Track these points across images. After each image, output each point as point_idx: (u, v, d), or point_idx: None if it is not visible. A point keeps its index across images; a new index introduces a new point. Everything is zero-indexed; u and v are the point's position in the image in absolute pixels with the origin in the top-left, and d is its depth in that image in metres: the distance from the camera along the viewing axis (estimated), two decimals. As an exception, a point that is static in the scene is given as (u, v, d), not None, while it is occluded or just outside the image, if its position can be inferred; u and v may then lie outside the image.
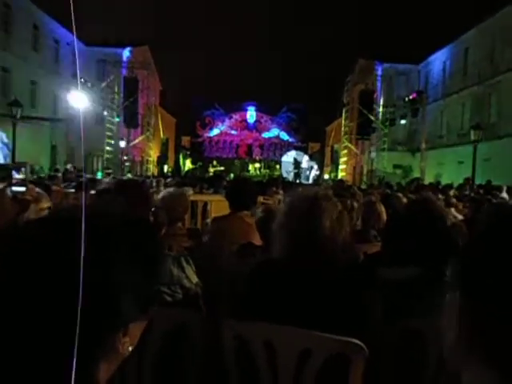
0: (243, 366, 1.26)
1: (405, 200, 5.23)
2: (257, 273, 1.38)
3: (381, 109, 21.55)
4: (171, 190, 2.54)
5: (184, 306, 1.30)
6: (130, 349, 0.53)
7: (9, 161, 13.78)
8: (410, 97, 18.19)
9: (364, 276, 1.23)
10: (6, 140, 13.91)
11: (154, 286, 0.57)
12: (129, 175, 17.82)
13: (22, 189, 1.37)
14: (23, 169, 11.85)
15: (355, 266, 1.26)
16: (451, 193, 10.11)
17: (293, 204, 1.27)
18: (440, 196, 6.89)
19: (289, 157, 28.87)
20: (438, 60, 24.31)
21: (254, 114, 30.91)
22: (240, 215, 2.73)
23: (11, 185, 1.43)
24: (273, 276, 1.30)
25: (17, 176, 12.31)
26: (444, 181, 17.19)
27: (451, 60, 23.06)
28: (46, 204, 1.57)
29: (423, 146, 18.27)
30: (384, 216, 3.30)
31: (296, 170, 26.54)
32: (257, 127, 31.01)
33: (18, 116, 12.88)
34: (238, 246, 2.28)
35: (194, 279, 1.41)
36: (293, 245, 1.24)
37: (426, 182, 16.17)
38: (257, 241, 2.41)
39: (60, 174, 9.32)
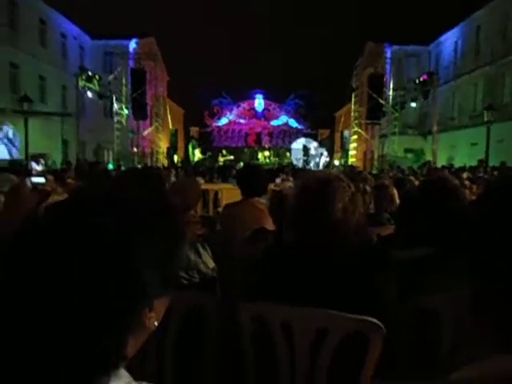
0: (260, 347, 1.28)
1: (417, 183, 5.19)
2: (267, 257, 1.40)
3: (391, 92, 21.19)
4: (183, 177, 2.56)
5: (201, 289, 1.32)
6: (156, 324, 0.55)
7: (16, 156, 13.98)
8: (421, 78, 17.82)
9: (377, 258, 1.23)
10: (11, 135, 14.10)
11: (176, 263, 0.59)
12: (139, 167, 17.94)
13: (42, 180, 1.39)
14: (42, 160, 12.04)
15: (368, 248, 1.26)
16: (464, 175, 9.97)
17: (304, 186, 1.27)
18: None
19: (298, 144, 28.75)
20: (449, 40, 23.71)
21: (262, 101, 30.70)
22: (251, 201, 2.75)
23: (31, 176, 1.45)
24: (283, 259, 1.30)
25: (36, 167, 12.53)
26: (457, 164, 16.93)
27: (463, 39, 22.47)
28: (64, 195, 1.60)
29: (435, 128, 17.97)
30: (397, 199, 3.28)
31: (305, 157, 26.44)
32: (265, 115, 30.82)
33: (26, 109, 13.02)
34: (250, 231, 2.30)
35: (211, 264, 1.43)
36: (304, 227, 1.24)
37: (439, 165, 15.96)
38: (269, 226, 2.42)
39: (72, 167, 9.43)
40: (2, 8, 18.00)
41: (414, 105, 19.19)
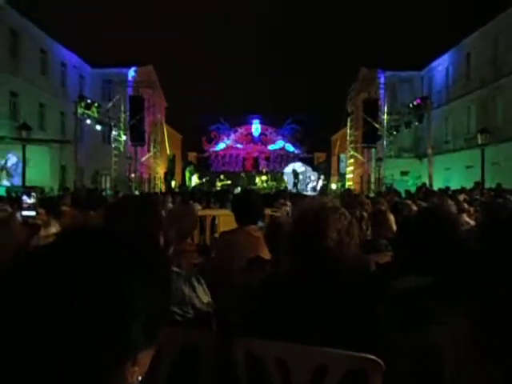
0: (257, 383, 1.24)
1: (414, 207, 5.18)
2: (264, 287, 1.37)
3: (385, 116, 21.53)
4: (179, 205, 2.54)
5: (195, 326, 1.28)
6: (140, 378, 0.52)
7: (18, 184, 13.97)
8: (415, 103, 18.16)
9: (377, 287, 1.21)
10: (14, 163, 14.15)
11: (162, 312, 0.56)
12: (136, 192, 17.92)
13: (33, 213, 1.37)
14: (33, 193, 11.89)
15: (367, 278, 1.23)
16: (461, 197, 9.99)
17: (299, 216, 1.26)
18: (450, 202, 6.82)
19: (289, 168, 29.06)
20: (441, 65, 24.35)
21: (259, 126, 31.10)
22: (247, 229, 2.72)
23: (22, 209, 1.43)
24: (280, 289, 1.28)
25: (27, 200, 12.38)
26: (453, 186, 17.02)
27: (454, 65, 23.09)
28: (54, 229, 1.58)
29: (429, 151, 18.16)
30: (394, 225, 3.27)
31: (296, 181, 26.51)
32: (262, 140, 31.16)
33: (25, 137, 13.11)
34: (246, 260, 2.26)
35: (205, 299, 1.39)
36: (300, 256, 1.23)
37: (435, 187, 16.03)
38: (265, 255, 2.39)
39: (69, 194, 9.40)
40: (4, 37, 18.42)
41: (408, 129, 19.46)
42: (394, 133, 20.78)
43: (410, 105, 18.62)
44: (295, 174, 27.38)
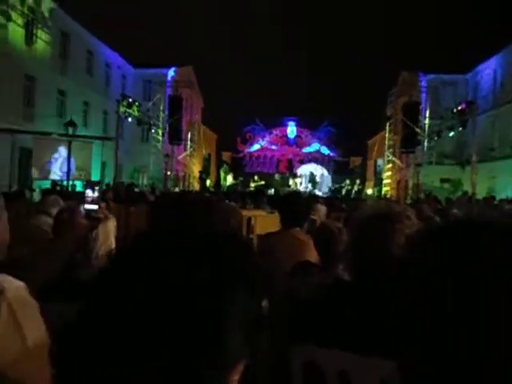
0: (313, 396, 1.18)
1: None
2: (320, 295, 1.31)
3: (427, 121, 20.81)
4: (225, 203, 2.53)
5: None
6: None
7: (71, 177, 14.56)
8: (459, 107, 17.42)
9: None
10: (65, 156, 14.85)
11: (261, 318, 0.52)
12: (177, 189, 18.31)
13: (95, 207, 1.40)
14: (97, 187, 12.52)
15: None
16: (507, 207, 9.47)
17: (364, 224, 1.19)
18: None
19: (303, 168, 28.56)
20: (488, 69, 23.26)
21: (295, 128, 30.94)
22: (292, 232, 2.66)
23: (85, 202, 1.46)
24: (344, 299, 1.22)
25: (91, 194, 13.03)
26: (498, 195, 16.18)
27: (502, 68, 21.98)
28: (113, 222, 1.60)
29: (474, 158, 17.35)
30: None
31: (312, 184, 25.89)
32: (297, 142, 30.97)
33: (71, 133, 13.72)
34: (293, 264, 2.21)
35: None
36: (367, 267, 1.16)
37: (478, 196, 15.30)
38: (311, 258, 2.33)
39: (111, 190, 9.72)
40: (55, 39, 19.38)
41: (451, 134, 18.69)
42: (435, 138, 20.02)
43: (454, 110, 17.90)
44: (312, 176, 26.97)
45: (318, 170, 28.46)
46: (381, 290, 1.14)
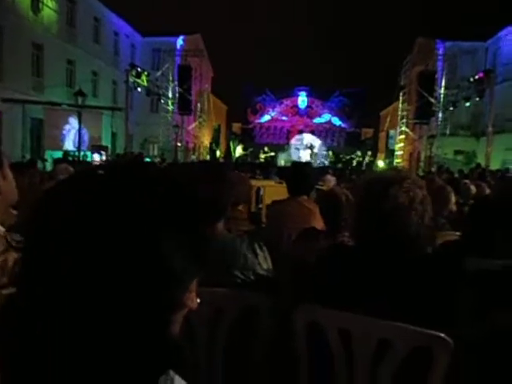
0: (315, 352, 1.22)
1: (473, 187, 4.87)
2: (324, 259, 1.33)
3: (442, 90, 20.17)
4: (234, 172, 2.54)
5: (255, 290, 1.28)
6: (198, 301, 0.52)
7: (84, 147, 14.62)
8: (476, 76, 16.80)
9: (452, 266, 1.13)
10: (76, 127, 14.88)
11: (204, 240, 0.52)
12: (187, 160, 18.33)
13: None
14: (103, 152, 12.69)
15: (441, 255, 1.16)
16: (522, 180, 9.28)
17: (373, 189, 1.18)
18: None
19: (297, 139, 28.16)
20: (510, 35, 22.22)
21: (306, 99, 30.33)
22: (299, 200, 2.67)
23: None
24: (345, 262, 1.23)
25: (97, 158, 13.27)
26: (513, 168, 15.84)
27: (525, 35, 20.99)
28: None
29: (490, 129, 16.88)
30: (452, 203, 3.08)
31: (311, 154, 25.50)
32: (308, 113, 30.44)
33: (80, 103, 13.69)
34: (299, 230, 2.23)
35: (265, 265, 1.39)
36: (370, 229, 1.17)
37: (492, 169, 15.01)
38: (317, 226, 2.34)
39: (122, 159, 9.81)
40: (62, 6, 19.01)
41: (467, 104, 18.12)
42: (451, 108, 19.45)
43: (471, 79, 17.27)
44: (311, 146, 26.62)
45: (316, 141, 28.13)
46: (382, 251, 1.15)
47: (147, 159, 16.05)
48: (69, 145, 15.30)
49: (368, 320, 1.08)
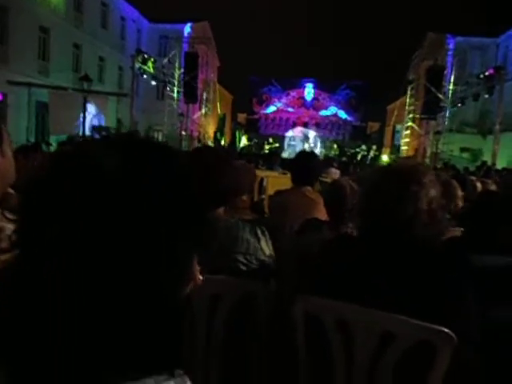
0: (314, 343, 1.21)
1: (478, 184, 4.83)
2: (327, 249, 1.30)
3: (451, 86, 19.92)
4: (238, 161, 2.51)
5: (257, 277, 1.27)
6: (201, 278, 0.52)
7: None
8: (486, 73, 16.57)
9: (457, 262, 1.10)
10: (94, 112, 14.81)
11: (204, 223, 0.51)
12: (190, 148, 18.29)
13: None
14: (104, 133, 12.64)
15: (446, 250, 1.13)
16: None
17: (380, 182, 1.15)
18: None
19: (292, 131, 28.07)
20: (522, 32, 21.88)
21: (312, 91, 30.11)
22: (303, 190, 2.65)
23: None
24: (355, 253, 1.21)
25: None
26: (519, 167, 15.70)
27: (538, 32, 20.63)
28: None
29: (497, 127, 16.71)
30: (458, 198, 3.05)
31: (306, 146, 25.32)
32: (314, 105, 30.24)
33: (86, 88, 13.64)
34: (302, 220, 2.21)
35: (268, 251, 1.38)
36: (376, 221, 1.14)
37: (498, 167, 14.88)
38: (321, 216, 2.32)
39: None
40: (69, -11, 18.86)
41: (474, 102, 17.91)
42: (459, 105, 19.24)
43: (481, 75, 17.03)
44: (306, 138, 26.52)
45: (311, 133, 28.05)
46: (386, 243, 1.13)
47: None
48: (76, 128, 15.26)
49: (368, 311, 1.06)
